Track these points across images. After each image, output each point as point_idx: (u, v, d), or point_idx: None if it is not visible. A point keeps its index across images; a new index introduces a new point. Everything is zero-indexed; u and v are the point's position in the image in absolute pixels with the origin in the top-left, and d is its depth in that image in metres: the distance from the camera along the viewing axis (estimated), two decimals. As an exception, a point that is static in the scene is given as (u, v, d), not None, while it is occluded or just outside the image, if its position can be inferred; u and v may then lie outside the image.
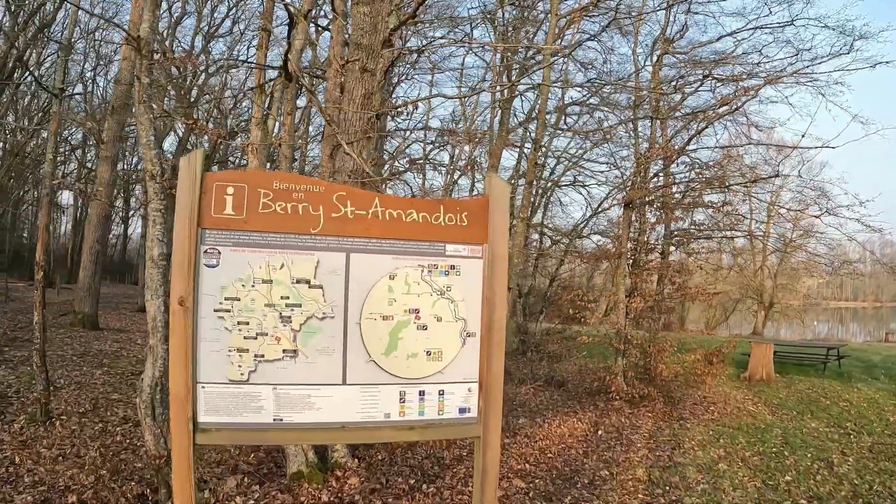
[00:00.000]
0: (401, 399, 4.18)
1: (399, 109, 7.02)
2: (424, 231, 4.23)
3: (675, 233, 11.11)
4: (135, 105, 6.34)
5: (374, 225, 4.17)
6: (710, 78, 9.60)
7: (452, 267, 4.31)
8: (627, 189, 11.27)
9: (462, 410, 4.30)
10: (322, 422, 4.07)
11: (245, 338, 4.03)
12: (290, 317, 4.07)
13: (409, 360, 4.17)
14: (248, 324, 4.04)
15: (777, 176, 10.84)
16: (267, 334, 4.05)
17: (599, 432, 9.21)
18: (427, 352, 4.22)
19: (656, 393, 10.10)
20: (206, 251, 4.02)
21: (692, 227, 11.02)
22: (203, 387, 4.01)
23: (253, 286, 4.04)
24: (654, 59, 11.13)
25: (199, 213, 4.01)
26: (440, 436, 4.32)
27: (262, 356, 4.04)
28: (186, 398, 3.99)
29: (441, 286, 4.27)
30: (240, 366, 4.04)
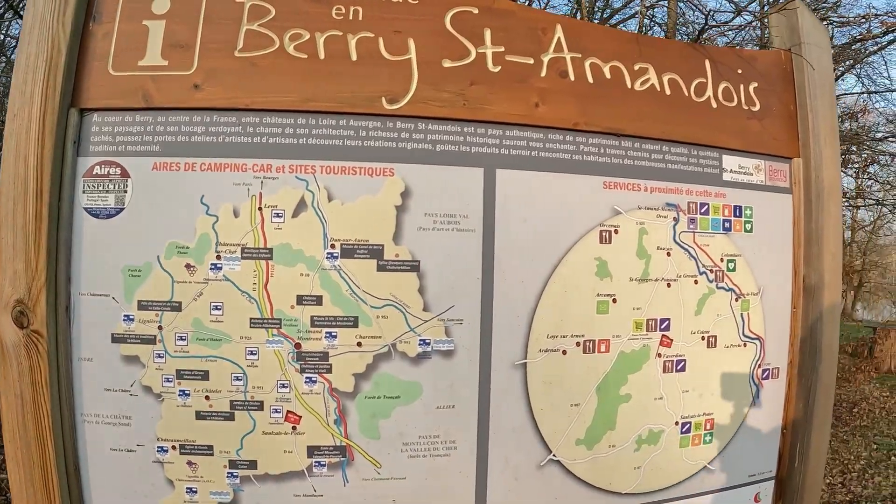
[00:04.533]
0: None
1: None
2: (675, 119, 1.31)
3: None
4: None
5: (557, 94, 1.17)
6: (826, 21, 6.48)
7: (738, 212, 1.47)
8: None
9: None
10: None
11: (201, 415, 1.21)
12: (325, 354, 1.26)
13: (640, 452, 1.28)
14: (204, 377, 1.24)
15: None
16: (261, 404, 1.25)
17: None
18: (683, 425, 1.39)
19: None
20: (91, 172, 1.28)
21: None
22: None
23: (218, 267, 1.20)
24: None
25: (79, 70, 1.13)
26: None
27: (254, 465, 1.29)
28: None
29: (716, 258, 1.36)
30: (191, 489, 1.28)
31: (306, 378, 1.08)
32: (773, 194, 1.34)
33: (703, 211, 1.26)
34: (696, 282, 1.25)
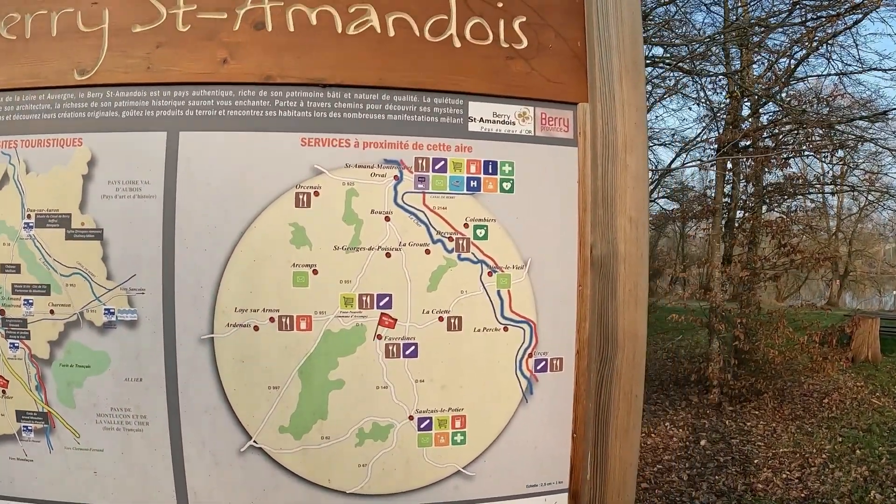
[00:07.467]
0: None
1: None
2: (398, 64, 1.08)
3: (767, 188, 6.47)
4: None
5: (249, 47, 1.00)
6: (799, 5, 5.47)
7: (490, 168, 1.19)
8: (720, 131, 6.74)
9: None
10: None
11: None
12: (24, 321, 1.16)
13: (363, 448, 1.08)
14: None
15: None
16: (-21, 369, 1.28)
17: (702, 442, 5.41)
18: (420, 420, 1.15)
19: (765, 385, 6.02)
20: None
21: (787, 180, 6.36)
22: None
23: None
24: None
25: None
26: None
27: (-19, 426, 1.28)
28: None
29: (457, 224, 1.10)
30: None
31: (10, 343, 1.05)
32: (548, 147, 1.04)
33: (437, 168, 1.01)
34: (427, 251, 1.00)
